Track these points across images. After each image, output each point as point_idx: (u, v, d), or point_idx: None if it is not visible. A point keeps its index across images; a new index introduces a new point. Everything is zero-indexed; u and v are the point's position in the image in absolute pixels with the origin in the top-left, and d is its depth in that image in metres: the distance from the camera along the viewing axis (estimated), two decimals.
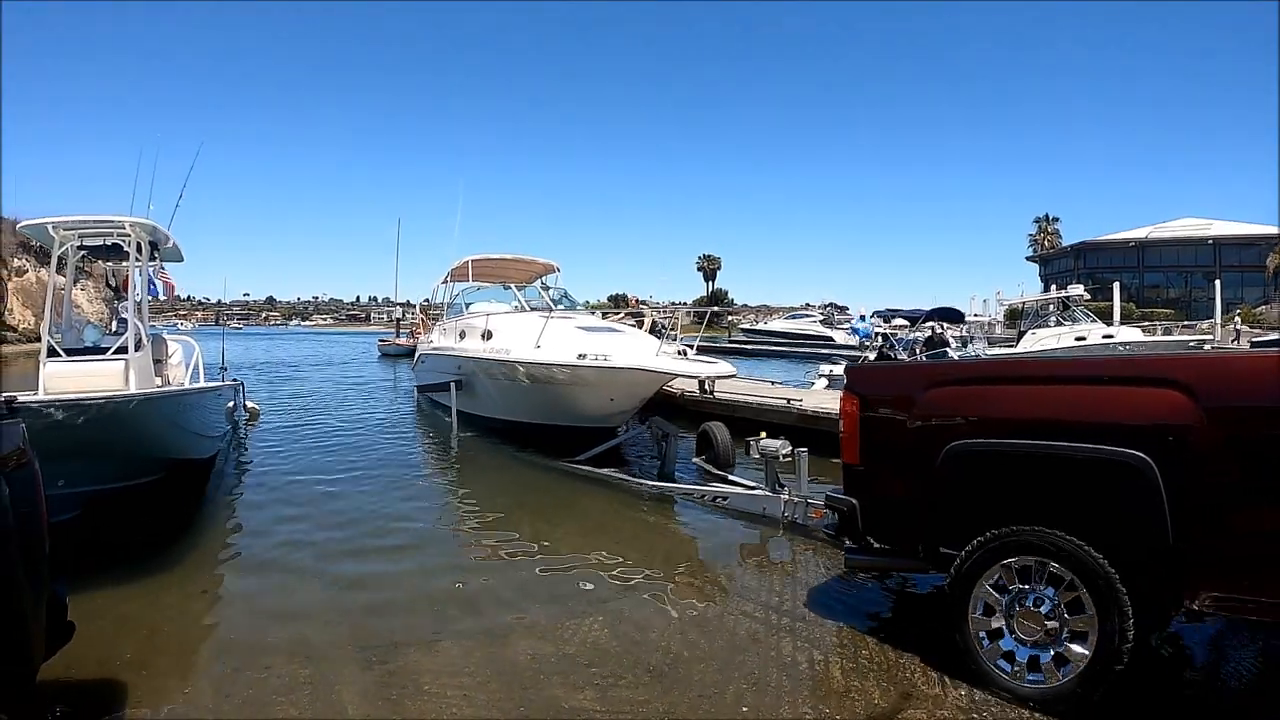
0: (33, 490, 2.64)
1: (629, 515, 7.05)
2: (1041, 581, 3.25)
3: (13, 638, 2.32)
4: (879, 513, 3.93)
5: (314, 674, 3.60)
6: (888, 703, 3.31)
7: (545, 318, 10.26)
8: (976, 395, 3.61)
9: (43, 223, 7.57)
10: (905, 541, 3.86)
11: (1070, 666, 3.14)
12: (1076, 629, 3.15)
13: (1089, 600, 3.10)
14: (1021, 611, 3.28)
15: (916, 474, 3.66)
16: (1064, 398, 3.34)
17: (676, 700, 3.34)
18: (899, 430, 3.76)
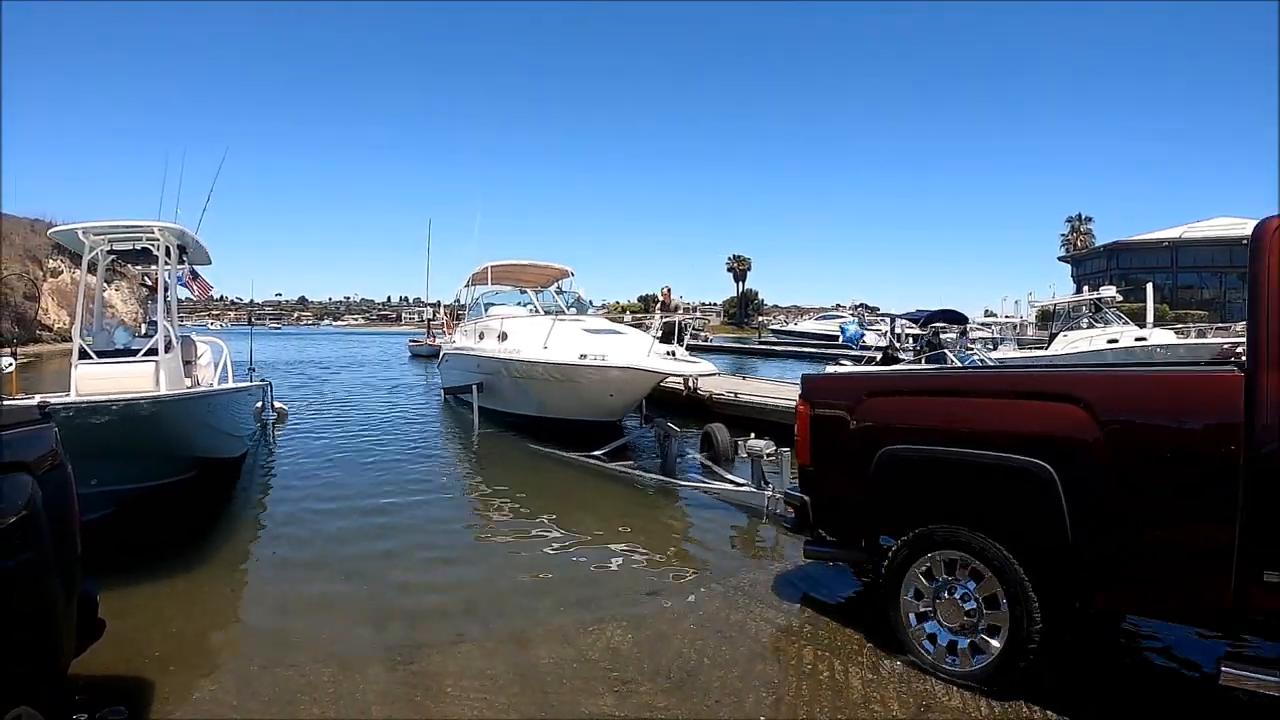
0: (65, 492, 2.69)
1: (640, 508, 7.43)
2: (963, 575, 3.58)
3: (44, 635, 2.36)
4: (827, 508, 4.31)
5: (338, 673, 3.65)
6: (906, 714, 3.28)
7: (554, 320, 11.27)
8: (907, 405, 3.99)
9: (72, 228, 7.74)
10: (850, 535, 4.28)
11: (985, 654, 3.47)
12: (991, 620, 3.47)
13: (1002, 594, 3.41)
14: (945, 600, 3.63)
15: (857, 474, 3.97)
16: (981, 409, 3.62)
17: (695, 706, 3.33)
18: (843, 434, 4.11)
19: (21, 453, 2.44)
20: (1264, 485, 2.76)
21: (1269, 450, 2.75)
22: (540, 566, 5.50)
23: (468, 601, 4.71)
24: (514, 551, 5.94)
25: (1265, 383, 2.81)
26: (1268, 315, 2.88)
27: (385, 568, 5.39)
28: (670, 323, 13.53)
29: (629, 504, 7.64)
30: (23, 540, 2.24)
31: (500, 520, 7.15)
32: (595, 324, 12.15)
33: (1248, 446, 2.79)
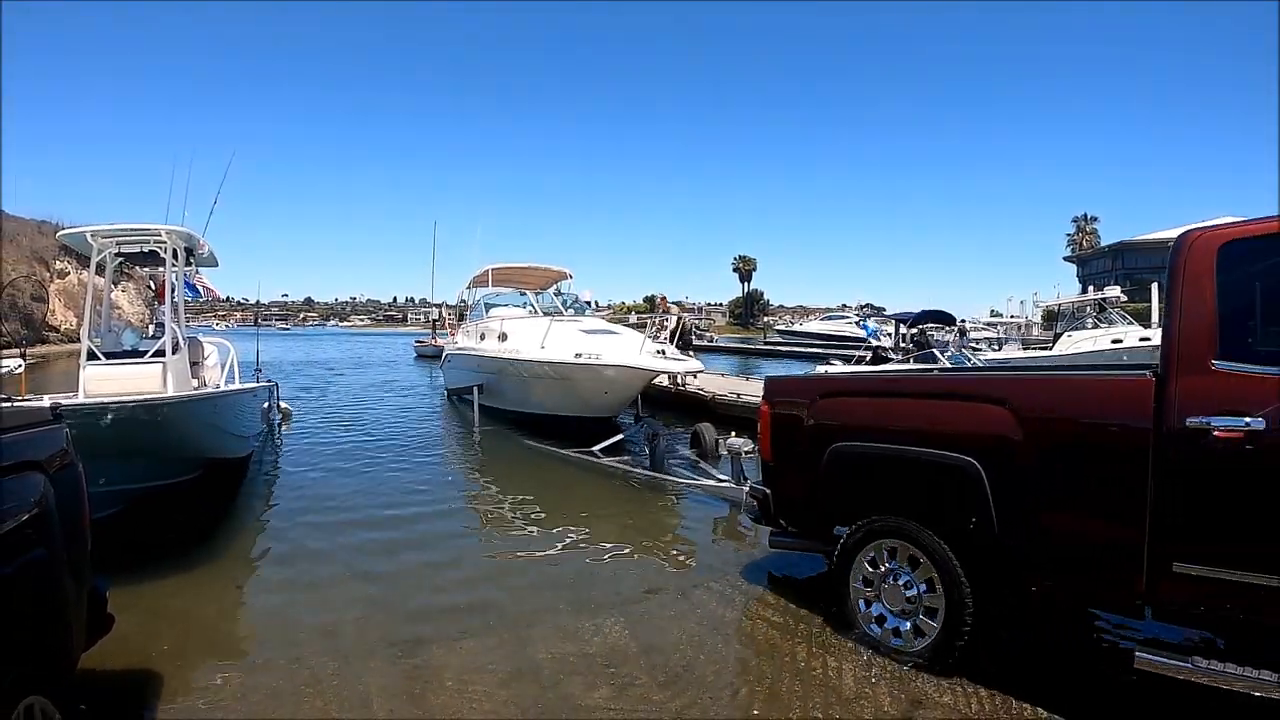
0: (75, 490, 2.77)
1: (635, 504, 7.72)
2: (904, 563, 3.86)
3: (55, 628, 2.44)
4: (787, 501, 4.57)
5: (341, 667, 3.73)
6: (897, 710, 3.33)
7: (550, 321, 11.84)
8: (854, 405, 4.24)
9: (81, 231, 7.84)
10: (806, 525, 4.54)
11: (926, 636, 3.72)
12: (930, 605, 3.72)
13: (938, 581, 3.66)
14: (889, 586, 3.92)
15: (812, 469, 4.24)
16: (918, 410, 3.88)
17: (690, 701, 3.39)
18: (799, 433, 4.37)
19: (34, 452, 2.52)
20: (1170, 483, 2.93)
21: (1174, 451, 2.91)
22: (540, 563, 5.60)
23: (469, 598, 4.80)
24: (516, 548, 6.05)
25: (1173, 388, 2.97)
26: (1180, 324, 3.03)
27: (389, 564, 5.48)
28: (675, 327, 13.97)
29: (624, 499, 7.89)
30: (36, 536, 2.32)
31: (501, 517, 7.25)
32: (591, 324, 12.59)
33: (1156, 447, 2.96)
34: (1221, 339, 2.93)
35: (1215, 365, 2.91)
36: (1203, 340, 2.96)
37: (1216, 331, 2.94)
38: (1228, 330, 2.94)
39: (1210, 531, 2.88)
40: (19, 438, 2.48)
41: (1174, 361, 3.02)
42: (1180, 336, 3.04)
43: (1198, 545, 2.90)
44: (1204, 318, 2.98)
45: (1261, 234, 3.03)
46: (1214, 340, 2.93)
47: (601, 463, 9.45)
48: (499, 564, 5.61)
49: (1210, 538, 2.87)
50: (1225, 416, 2.79)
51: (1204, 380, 2.91)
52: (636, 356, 10.14)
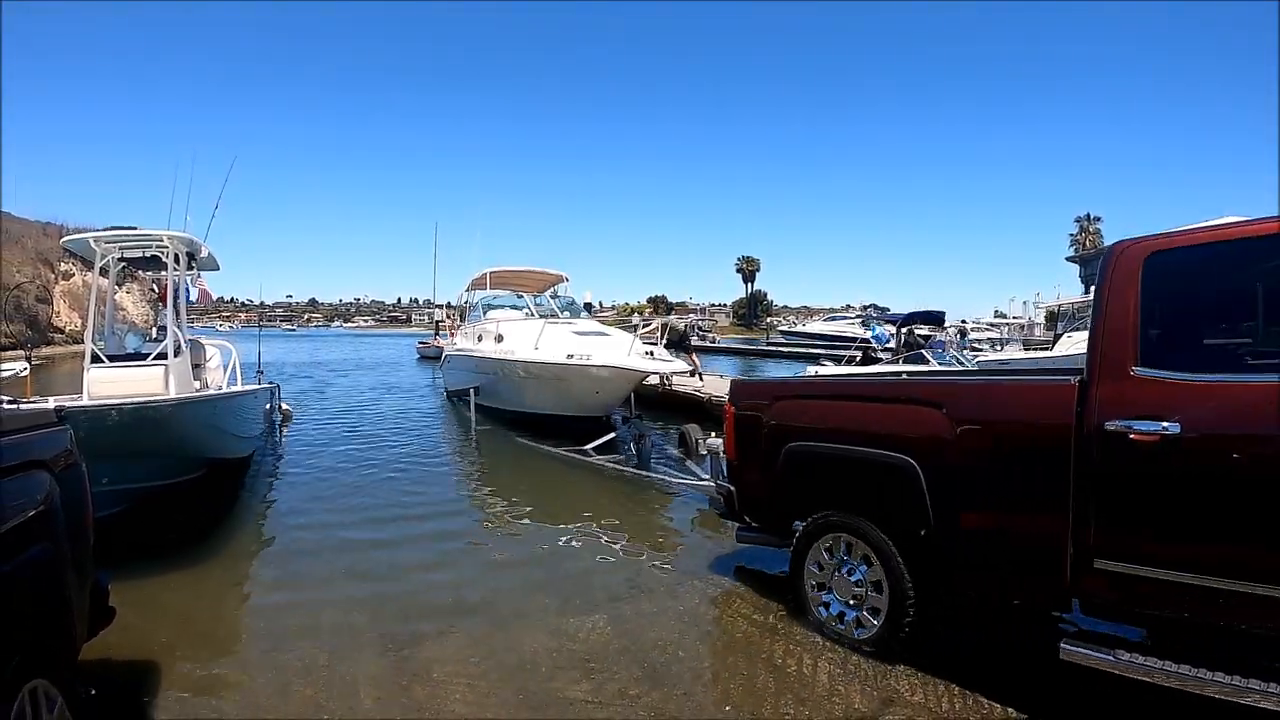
0: (79, 488, 2.92)
1: (624, 501, 7.99)
2: (852, 555, 4.08)
3: (58, 617, 2.59)
4: (749, 497, 4.80)
5: (333, 659, 3.89)
6: (868, 708, 3.42)
7: (544, 323, 12.23)
8: (807, 408, 4.48)
9: (84, 237, 8.02)
10: (766, 520, 4.76)
11: (871, 625, 3.95)
12: (875, 594, 3.94)
13: (882, 572, 3.87)
14: (839, 576, 4.16)
15: (770, 467, 4.47)
16: (863, 412, 4.10)
17: (666, 696, 3.51)
18: (759, 433, 4.59)
19: (40, 452, 2.66)
20: (1090, 483, 3.06)
21: (1095, 453, 3.03)
22: (530, 560, 5.76)
23: (460, 594, 4.94)
24: (507, 546, 6.23)
25: (1095, 393, 3.10)
26: (1103, 331, 3.16)
27: (382, 562, 5.63)
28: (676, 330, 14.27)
29: (613, 497, 8.11)
30: (41, 531, 2.47)
31: (495, 516, 7.41)
32: (584, 326, 12.94)
33: (1078, 449, 3.09)
34: (1142, 346, 3.04)
35: (1135, 371, 3.02)
36: (1125, 347, 3.08)
37: (1138, 339, 3.05)
38: (1149, 338, 3.06)
39: (1129, 530, 2.99)
40: (25, 439, 2.62)
41: (1097, 367, 3.14)
42: (1103, 343, 3.16)
43: (1117, 543, 3.01)
44: (1127, 325, 3.10)
45: (1185, 245, 3.16)
46: (1135, 347, 3.05)
47: (592, 461, 9.76)
48: (490, 562, 5.75)
49: (1129, 536, 2.99)
50: (1143, 420, 2.90)
51: (1124, 386, 3.03)
52: (625, 358, 10.48)
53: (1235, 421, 2.76)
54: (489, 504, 7.98)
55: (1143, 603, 3.00)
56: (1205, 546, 2.79)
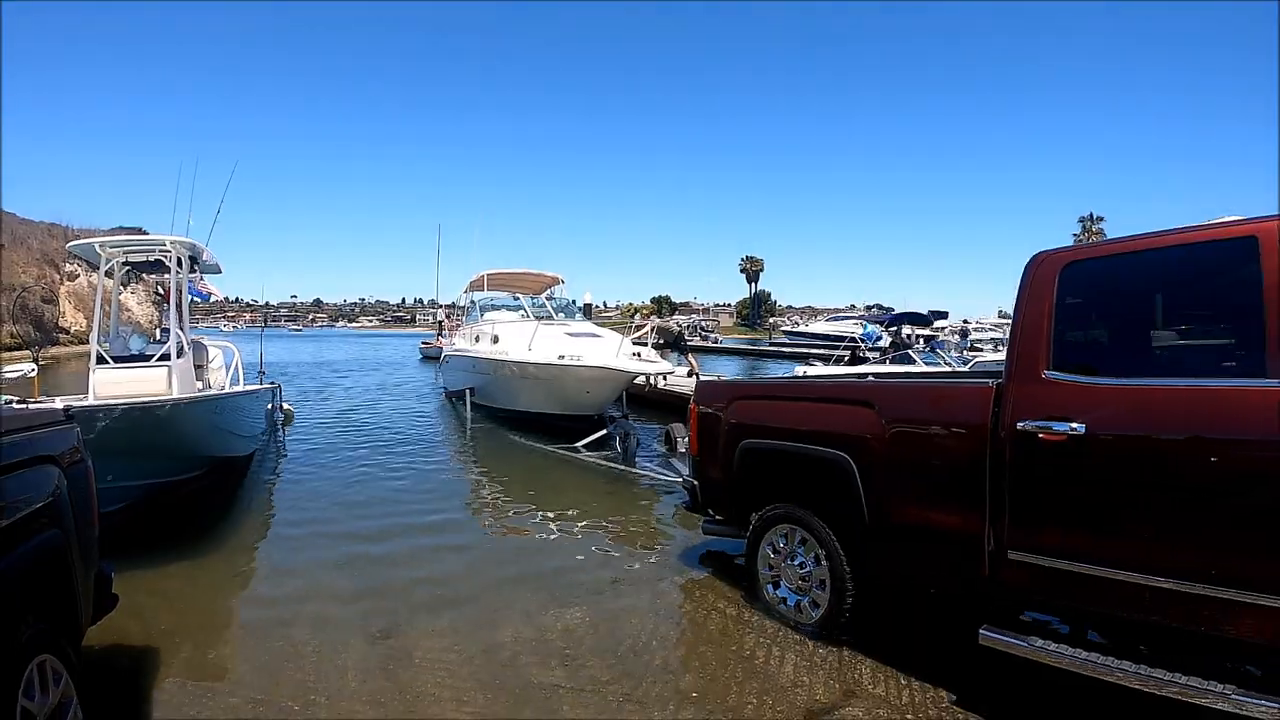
0: (85, 483, 3.14)
1: (610, 497, 8.35)
2: (798, 545, 4.36)
3: (65, 598, 2.81)
4: (710, 491, 5.08)
5: (323, 645, 4.11)
6: (829, 698, 3.55)
7: (537, 324, 12.71)
8: (760, 407, 4.75)
9: (90, 242, 8.26)
10: (726, 512, 5.03)
11: (816, 610, 4.24)
12: (819, 582, 4.22)
13: (824, 561, 4.15)
14: (787, 565, 4.44)
15: (728, 462, 4.75)
16: (807, 411, 4.36)
17: (636, 683, 3.70)
18: (718, 430, 4.87)
19: (50, 448, 2.88)
20: (1004, 479, 3.25)
21: (1008, 451, 3.23)
22: (516, 555, 6.02)
23: (447, 586, 5.17)
24: (495, 541, 6.54)
25: (1009, 394, 3.29)
26: (1019, 336, 3.36)
27: (374, 555, 5.87)
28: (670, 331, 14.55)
29: (600, 493, 8.47)
30: (50, 520, 2.68)
31: (485, 511, 7.72)
32: (577, 328, 13.35)
33: (993, 447, 3.29)
34: (1054, 350, 3.23)
35: (1046, 375, 3.21)
36: (1037, 352, 3.26)
37: (1050, 344, 3.24)
38: (1060, 343, 3.24)
39: (1039, 524, 3.17)
40: (36, 435, 2.84)
41: (1012, 370, 3.34)
42: (1019, 348, 3.36)
43: (1029, 536, 3.20)
44: (1040, 331, 3.29)
45: (1097, 256, 3.38)
46: (1047, 352, 3.24)
47: (582, 459, 10.16)
48: (478, 556, 5.99)
49: (1039, 530, 3.17)
50: (1051, 420, 3.09)
51: (1036, 388, 3.21)
52: (613, 359, 10.84)
53: (1136, 422, 2.93)
54: (480, 501, 8.25)
55: (1052, 593, 3.17)
56: (1108, 541, 2.95)
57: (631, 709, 3.43)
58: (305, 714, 3.37)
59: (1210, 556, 2.69)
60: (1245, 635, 2.67)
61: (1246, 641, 2.68)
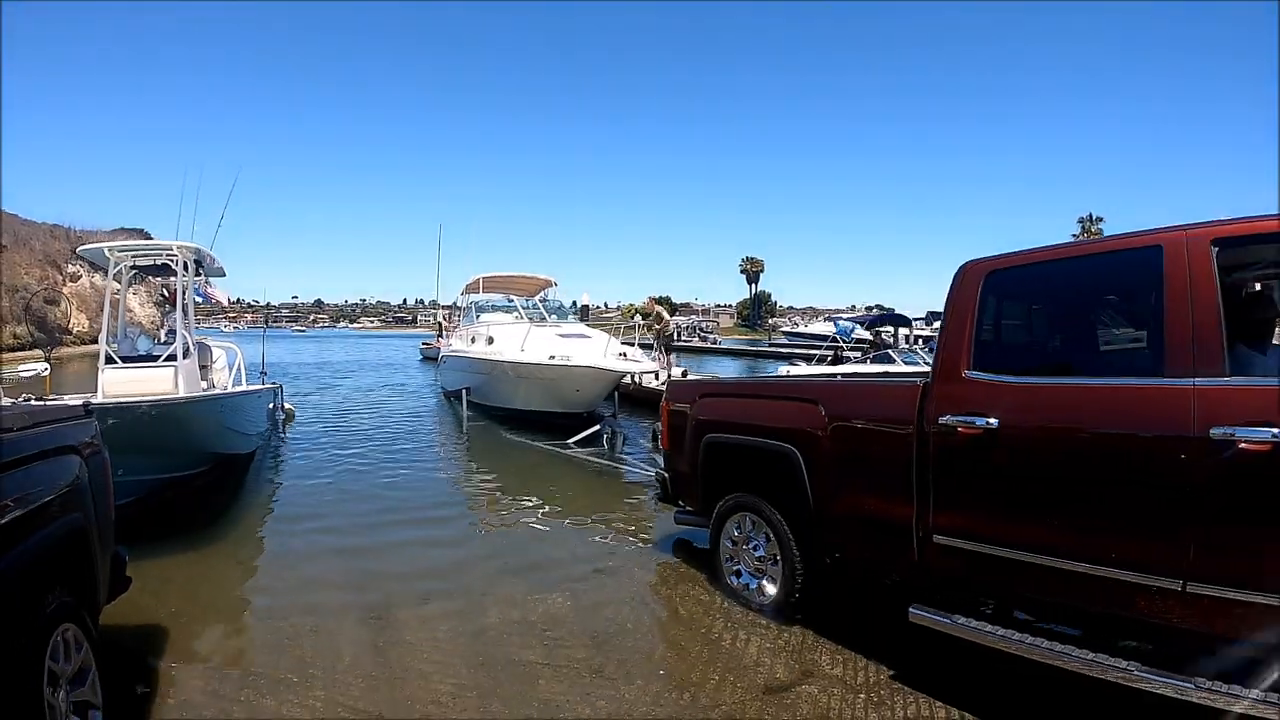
0: (103, 472, 3.44)
1: (598, 491, 8.77)
2: (755, 531, 4.68)
3: (86, 574, 3.10)
4: (679, 483, 5.43)
5: (320, 626, 4.43)
6: (788, 678, 3.77)
7: (530, 326, 13.32)
8: (722, 404, 5.07)
9: (99, 247, 8.60)
10: (694, 503, 5.34)
11: (769, 592, 4.56)
12: (772, 566, 4.54)
13: (776, 546, 4.46)
14: (745, 550, 4.77)
15: (694, 456, 5.08)
16: (762, 408, 4.70)
17: (609, 660, 3.99)
18: (686, 425, 5.20)
19: (72, 439, 3.18)
20: (929, 470, 3.52)
21: (932, 444, 3.49)
22: (506, 544, 6.36)
23: (438, 574, 5.49)
24: (485, 531, 6.90)
25: (934, 392, 3.56)
26: (945, 339, 3.62)
27: (370, 545, 6.21)
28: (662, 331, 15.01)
29: (588, 487, 8.92)
30: (73, 503, 2.98)
31: (478, 504, 8.13)
32: (568, 329, 13.92)
33: (918, 440, 3.56)
34: (975, 352, 3.48)
35: (967, 374, 3.47)
36: (960, 353, 3.52)
37: (971, 346, 3.50)
38: (980, 345, 3.50)
39: (959, 511, 3.43)
40: (61, 428, 3.14)
41: (937, 370, 3.61)
42: (944, 349, 3.62)
43: (951, 522, 3.45)
44: (963, 334, 3.54)
45: (1018, 265, 3.58)
46: (969, 353, 3.49)
47: (572, 455, 10.68)
48: (469, 545, 6.34)
49: (959, 516, 3.42)
50: (968, 416, 3.35)
51: (957, 386, 3.48)
52: (601, 358, 11.42)
53: (1044, 418, 3.18)
54: (473, 495, 8.62)
55: (973, 575, 3.43)
56: (1018, 526, 3.20)
57: (601, 684, 3.71)
58: (303, 686, 3.67)
59: (1109, 542, 2.91)
60: (1142, 615, 2.86)
61: (1146, 621, 2.86)
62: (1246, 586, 2.57)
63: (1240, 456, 2.58)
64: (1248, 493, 2.60)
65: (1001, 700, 3.49)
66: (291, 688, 3.66)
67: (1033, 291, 3.70)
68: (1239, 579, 2.59)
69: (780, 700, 3.54)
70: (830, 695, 3.58)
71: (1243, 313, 3.26)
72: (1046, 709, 3.44)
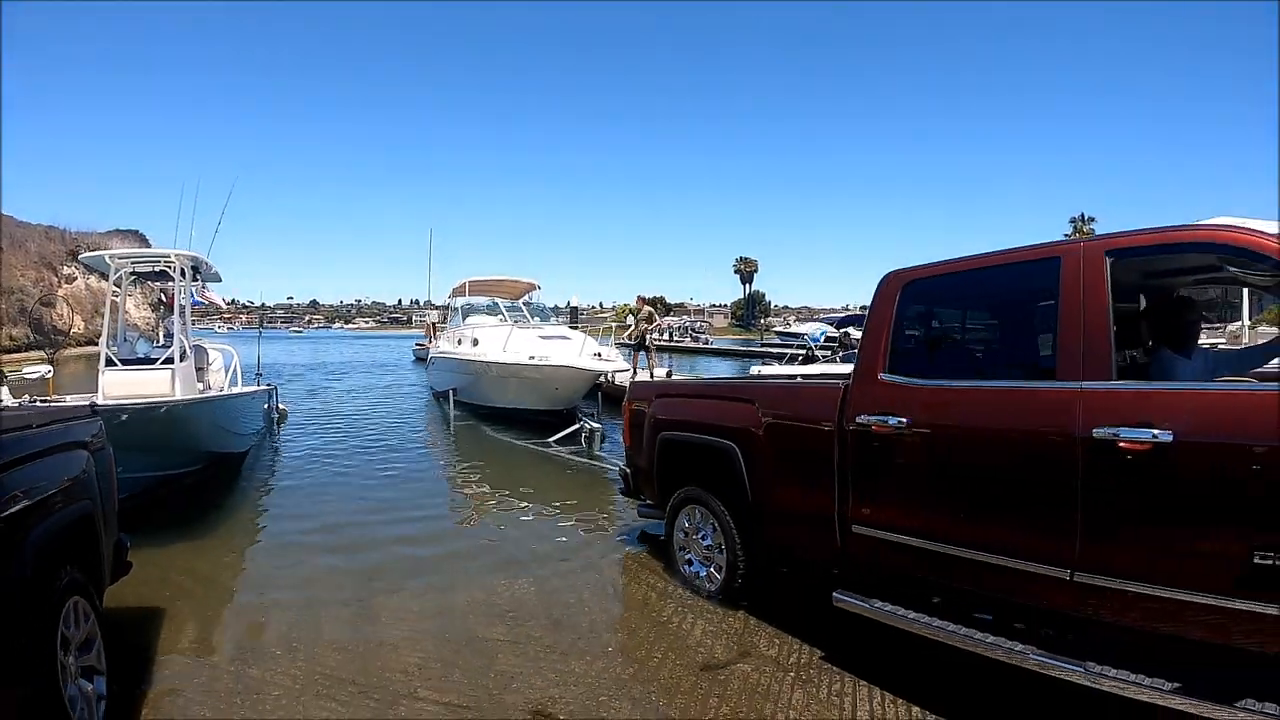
0: (107, 465, 3.86)
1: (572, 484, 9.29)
2: (703, 522, 5.00)
3: (93, 554, 3.50)
4: (639, 477, 5.76)
5: (305, 605, 4.90)
6: (726, 657, 4.06)
7: (512, 327, 13.96)
8: (675, 403, 5.40)
9: (100, 254, 9.04)
10: (652, 496, 5.63)
11: (716, 579, 4.87)
12: (718, 555, 4.85)
13: (721, 536, 4.78)
14: (694, 539, 5.10)
15: (651, 452, 5.41)
16: (707, 407, 5.05)
17: (563, 637, 4.39)
18: (644, 423, 5.54)
19: (81, 435, 3.59)
20: (848, 466, 3.81)
21: (850, 441, 3.79)
22: (481, 534, 6.88)
23: (416, 561, 5.94)
24: (464, 523, 7.39)
25: (853, 392, 3.86)
26: (865, 344, 3.95)
27: (355, 536, 6.68)
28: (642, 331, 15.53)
29: (564, 482, 9.40)
30: (82, 492, 3.39)
31: (459, 497, 8.69)
32: (550, 331, 14.55)
33: (839, 438, 3.86)
34: (890, 356, 3.76)
35: (882, 377, 3.74)
36: (876, 357, 3.80)
37: (887, 351, 3.77)
38: (895, 349, 3.77)
39: (874, 503, 3.70)
40: (71, 425, 3.56)
41: (857, 372, 3.89)
42: (863, 354, 3.91)
43: (866, 513, 3.73)
44: (881, 339, 3.82)
45: (934, 275, 3.82)
46: (885, 357, 3.77)
47: (550, 451, 11.23)
48: (447, 536, 6.82)
49: (874, 508, 3.70)
50: (881, 415, 3.63)
51: (874, 388, 3.76)
52: (576, 358, 12.00)
53: (945, 417, 3.45)
54: (455, 489, 9.14)
55: (886, 562, 3.69)
56: (925, 517, 3.46)
57: (554, 659, 4.10)
58: (286, 658, 4.10)
59: (1005, 533, 3.13)
60: (1036, 602, 3.03)
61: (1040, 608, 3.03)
62: (1126, 577, 2.74)
63: (1121, 455, 2.74)
64: (1127, 489, 2.76)
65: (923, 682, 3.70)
66: (276, 659, 4.08)
67: (946, 300, 3.98)
68: (1120, 570, 2.76)
69: (714, 676, 3.84)
70: (762, 673, 3.86)
71: (1170, 317, 3.58)
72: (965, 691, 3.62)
